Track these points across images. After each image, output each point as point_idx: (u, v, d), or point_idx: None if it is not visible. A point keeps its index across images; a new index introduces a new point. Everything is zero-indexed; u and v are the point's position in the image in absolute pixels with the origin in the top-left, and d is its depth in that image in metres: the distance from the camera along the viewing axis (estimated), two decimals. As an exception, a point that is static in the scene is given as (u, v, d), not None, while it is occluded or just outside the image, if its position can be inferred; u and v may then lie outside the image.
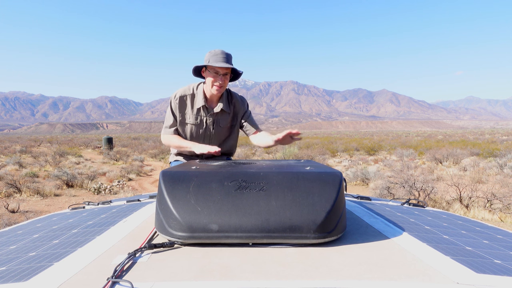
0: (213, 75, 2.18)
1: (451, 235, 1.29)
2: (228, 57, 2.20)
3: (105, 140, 27.36)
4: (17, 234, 1.48)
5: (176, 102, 2.30)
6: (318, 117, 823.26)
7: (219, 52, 2.18)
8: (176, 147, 2.37)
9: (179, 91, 2.32)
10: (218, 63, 2.14)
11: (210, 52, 2.20)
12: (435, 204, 7.29)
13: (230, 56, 2.22)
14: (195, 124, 2.33)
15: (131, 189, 10.40)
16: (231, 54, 2.23)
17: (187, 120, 2.33)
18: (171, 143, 2.34)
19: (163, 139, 2.39)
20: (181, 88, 2.34)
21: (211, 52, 2.19)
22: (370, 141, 34.96)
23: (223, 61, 2.16)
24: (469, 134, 64.21)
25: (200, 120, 2.32)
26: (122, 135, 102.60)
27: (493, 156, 17.25)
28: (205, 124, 2.33)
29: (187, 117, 2.33)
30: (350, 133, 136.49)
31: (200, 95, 2.29)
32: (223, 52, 2.19)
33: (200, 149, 2.18)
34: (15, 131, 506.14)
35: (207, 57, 2.20)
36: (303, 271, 0.91)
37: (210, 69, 2.19)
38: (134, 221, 1.43)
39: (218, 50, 2.19)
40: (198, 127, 2.34)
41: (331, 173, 1.23)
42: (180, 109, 2.31)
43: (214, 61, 2.15)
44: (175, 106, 2.31)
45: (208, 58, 2.18)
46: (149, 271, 0.91)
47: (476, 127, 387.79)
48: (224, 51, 2.20)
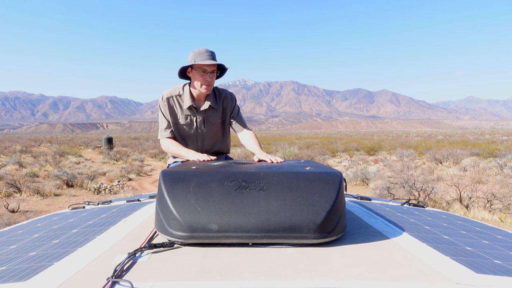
0: (201, 74, 2.18)
1: (451, 235, 1.29)
2: (213, 54, 2.20)
3: (105, 140, 27.35)
4: (17, 234, 1.48)
5: (164, 105, 2.31)
6: (318, 117, 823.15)
7: (203, 50, 2.18)
8: (173, 154, 2.38)
9: (165, 93, 2.33)
10: (205, 61, 2.14)
11: (193, 52, 2.20)
12: (435, 204, 7.29)
13: (214, 54, 2.22)
14: (186, 124, 2.34)
15: (131, 189, 10.40)
16: (214, 52, 2.23)
17: (178, 121, 2.34)
18: (169, 150, 2.35)
19: (162, 145, 2.40)
20: (167, 90, 2.35)
21: (195, 51, 2.19)
22: (370, 141, 34.96)
23: (209, 59, 2.16)
24: (469, 134, 64.21)
25: (190, 120, 2.33)
26: (122, 135, 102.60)
27: (493, 156, 17.24)
28: (195, 123, 2.34)
29: (177, 118, 2.34)
30: (350, 133, 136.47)
31: (187, 95, 2.29)
32: (208, 50, 2.19)
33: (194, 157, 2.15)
34: (15, 131, 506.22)
35: (191, 57, 2.19)
36: (303, 271, 0.91)
37: (197, 68, 2.18)
38: (134, 221, 1.43)
39: (202, 49, 2.19)
40: (189, 127, 2.35)
41: (331, 173, 1.23)
42: (170, 111, 2.32)
43: (200, 60, 2.15)
44: (164, 108, 2.32)
45: (193, 58, 2.18)
46: (149, 271, 0.91)
47: (476, 127, 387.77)
48: (208, 49, 2.20)
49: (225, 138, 2.51)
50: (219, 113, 2.39)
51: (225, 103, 2.40)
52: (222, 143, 2.49)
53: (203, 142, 2.41)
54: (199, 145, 2.42)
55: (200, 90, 2.24)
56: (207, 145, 2.43)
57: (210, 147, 2.45)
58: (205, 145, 2.42)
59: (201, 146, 2.42)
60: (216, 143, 2.46)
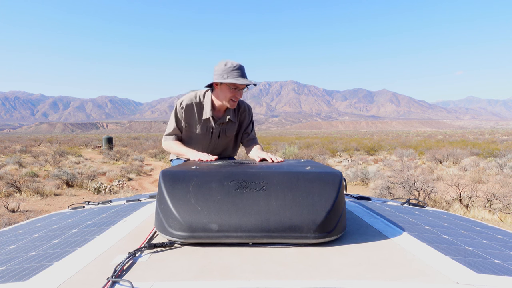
0: (231, 90, 2.12)
1: (451, 235, 1.29)
2: (244, 71, 2.14)
3: (105, 139, 27.35)
4: (17, 234, 1.48)
5: (182, 111, 2.25)
6: (318, 117, 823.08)
7: (237, 66, 2.09)
8: (175, 153, 2.37)
9: (185, 99, 2.25)
10: (240, 80, 2.07)
11: (225, 65, 2.09)
12: (435, 204, 7.29)
13: (244, 69, 2.16)
14: (202, 133, 2.30)
15: (131, 188, 10.40)
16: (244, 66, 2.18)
17: (194, 129, 2.29)
18: (171, 149, 2.34)
19: (164, 145, 2.38)
20: (187, 96, 2.27)
21: (227, 65, 2.08)
22: (370, 141, 34.95)
23: (243, 76, 2.11)
24: (469, 134, 64.21)
25: (206, 130, 2.30)
26: (122, 135, 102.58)
27: (493, 156, 17.24)
28: (211, 134, 2.32)
29: (193, 126, 2.29)
30: (350, 133, 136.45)
31: (208, 104, 2.23)
32: (241, 67, 2.11)
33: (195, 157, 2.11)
34: (15, 131, 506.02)
35: (223, 70, 2.08)
36: (303, 271, 0.91)
37: (229, 85, 2.11)
38: (134, 220, 1.43)
39: (236, 64, 2.09)
40: (204, 136, 2.32)
41: (331, 173, 1.23)
42: (185, 118, 2.26)
43: (234, 77, 2.07)
44: (181, 114, 2.26)
45: (225, 73, 2.08)
46: (149, 271, 0.91)
47: (476, 127, 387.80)
48: (240, 64, 2.11)
49: (236, 148, 2.52)
50: (235, 126, 2.38)
51: (242, 117, 2.39)
52: (232, 151, 2.51)
53: (214, 151, 2.39)
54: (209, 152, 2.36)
55: (226, 105, 2.19)
56: (217, 153, 2.40)
57: (218, 154, 2.43)
58: (214, 153, 2.38)
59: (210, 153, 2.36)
60: (225, 151, 2.47)
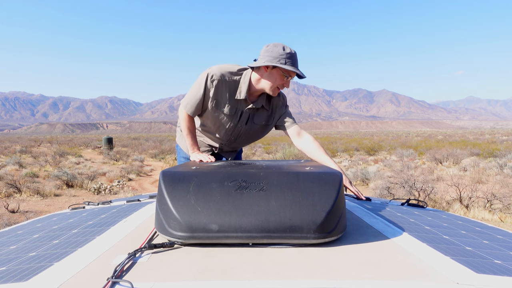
0: (282, 77, 1.90)
1: (451, 235, 1.29)
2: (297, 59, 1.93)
3: (105, 140, 27.35)
4: (17, 234, 1.48)
5: (211, 84, 1.94)
6: (318, 117, 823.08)
7: (293, 53, 1.87)
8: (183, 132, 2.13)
9: (218, 70, 1.92)
10: (295, 68, 1.87)
11: (283, 49, 1.84)
12: (435, 204, 7.29)
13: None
14: (228, 114, 2.03)
15: (131, 189, 10.40)
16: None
17: (221, 108, 2.01)
18: (182, 126, 2.11)
19: (180, 116, 2.11)
20: (221, 67, 1.95)
21: (285, 50, 1.84)
22: (370, 141, 34.95)
23: (297, 65, 1.90)
24: (469, 134, 64.21)
25: (235, 112, 2.03)
26: (122, 135, 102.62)
27: (493, 156, 17.24)
28: (239, 117, 2.06)
29: (221, 104, 2.00)
30: (350, 133, 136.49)
31: (245, 85, 1.95)
32: (295, 54, 1.89)
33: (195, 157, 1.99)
34: (15, 131, 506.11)
35: (280, 54, 1.84)
36: (303, 271, 0.91)
37: (284, 71, 1.88)
38: (134, 221, 1.43)
39: (294, 51, 1.87)
40: (230, 118, 2.06)
41: (331, 173, 1.23)
42: (215, 93, 1.96)
43: (291, 64, 1.85)
44: (210, 86, 1.94)
45: (283, 58, 1.84)
46: (149, 271, 0.91)
47: (476, 127, 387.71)
48: (294, 50, 1.89)
49: (254, 139, 2.27)
50: (266, 116, 2.13)
51: (275, 105, 2.13)
52: (247, 141, 2.27)
53: (236, 139, 2.18)
54: (230, 139, 2.19)
55: (268, 91, 1.96)
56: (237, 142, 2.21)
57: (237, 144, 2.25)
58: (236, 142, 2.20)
59: (230, 140, 2.20)
60: (244, 142, 2.25)
